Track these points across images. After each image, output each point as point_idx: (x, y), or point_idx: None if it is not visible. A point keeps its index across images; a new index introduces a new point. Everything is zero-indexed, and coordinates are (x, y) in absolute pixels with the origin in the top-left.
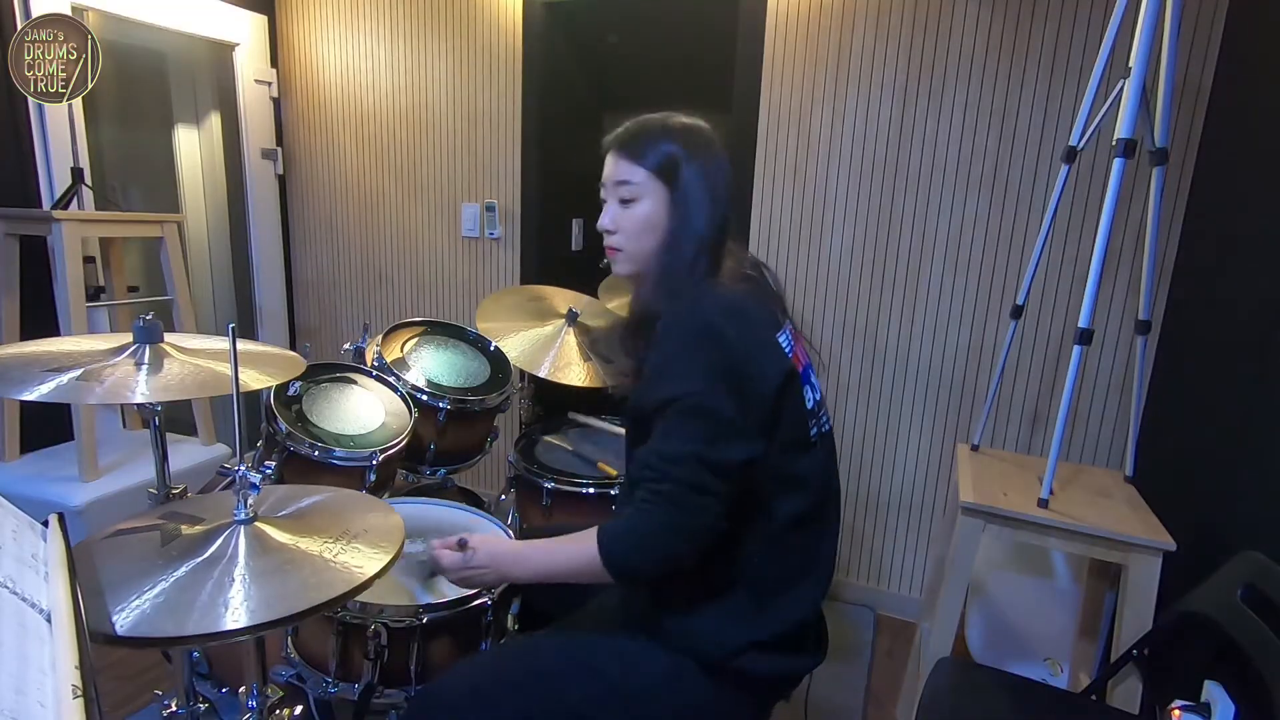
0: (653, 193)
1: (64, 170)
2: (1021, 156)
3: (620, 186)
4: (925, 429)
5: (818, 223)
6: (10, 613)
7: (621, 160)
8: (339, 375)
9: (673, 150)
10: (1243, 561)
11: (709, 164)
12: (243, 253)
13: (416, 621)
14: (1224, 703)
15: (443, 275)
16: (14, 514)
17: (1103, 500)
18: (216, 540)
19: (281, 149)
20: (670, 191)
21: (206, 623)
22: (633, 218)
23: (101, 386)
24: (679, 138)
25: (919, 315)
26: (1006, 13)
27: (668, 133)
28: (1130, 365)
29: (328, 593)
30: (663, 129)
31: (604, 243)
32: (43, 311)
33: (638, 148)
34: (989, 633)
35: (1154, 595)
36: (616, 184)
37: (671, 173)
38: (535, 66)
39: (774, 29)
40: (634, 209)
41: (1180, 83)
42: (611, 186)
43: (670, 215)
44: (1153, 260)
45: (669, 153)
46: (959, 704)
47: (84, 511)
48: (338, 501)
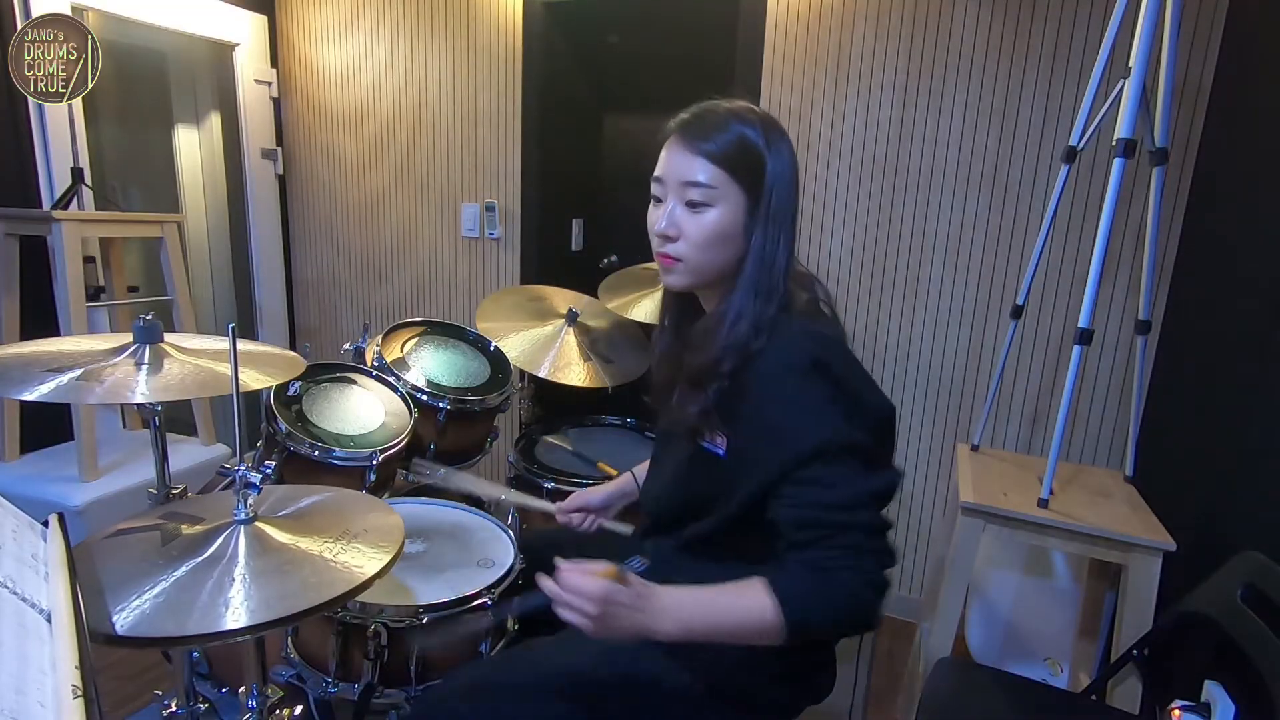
0: (730, 198)
1: (64, 170)
2: (1021, 156)
3: (689, 188)
4: (925, 429)
5: (818, 223)
6: (10, 613)
7: (690, 154)
8: (339, 375)
9: (754, 143)
10: (1243, 561)
11: (792, 163)
12: (243, 253)
13: (416, 621)
14: (1224, 703)
15: (443, 275)
16: (14, 514)
17: (1103, 500)
18: (216, 540)
19: (281, 149)
20: (751, 199)
21: (207, 623)
22: (702, 226)
23: (101, 386)
24: (758, 125)
25: (919, 315)
26: (1006, 13)
27: (744, 120)
28: (1130, 365)
29: (328, 593)
30: (737, 116)
31: (657, 248)
32: (43, 311)
33: (713, 140)
34: (989, 633)
35: (1154, 595)
36: (684, 184)
37: (755, 174)
38: (535, 66)
39: (774, 29)
40: (705, 215)
41: (1180, 83)
42: (675, 186)
43: (749, 227)
44: (1153, 260)
45: (750, 147)
46: (959, 704)
47: (84, 511)
48: (338, 501)
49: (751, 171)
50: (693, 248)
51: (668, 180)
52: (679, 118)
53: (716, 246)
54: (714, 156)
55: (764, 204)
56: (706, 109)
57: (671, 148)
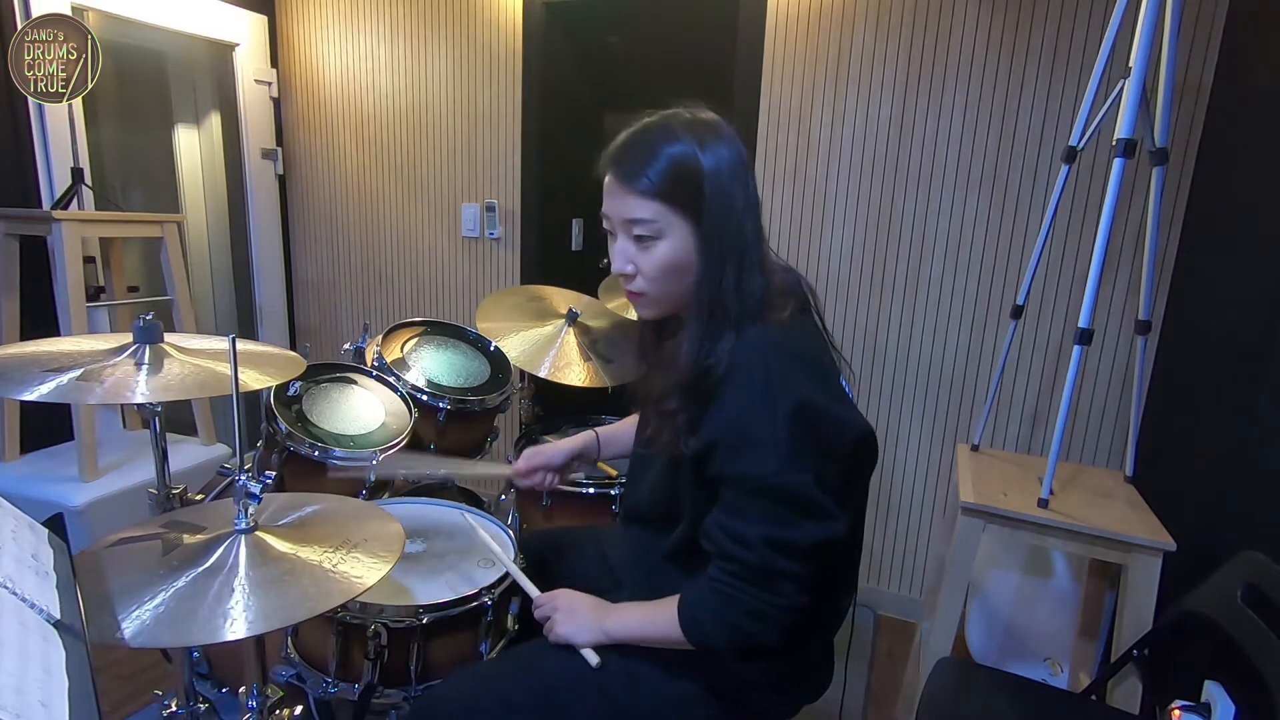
0: (674, 226)
1: (64, 170)
2: (1021, 156)
3: (633, 225)
4: (925, 429)
5: (818, 223)
6: (10, 612)
7: (626, 193)
8: (339, 375)
9: (686, 161)
10: (1243, 561)
11: (733, 163)
12: (243, 253)
13: (416, 621)
14: (1224, 703)
15: (443, 275)
16: (14, 514)
17: (1103, 500)
18: (217, 550)
19: (281, 149)
20: (695, 220)
21: (206, 634)
22: (654, 260)
23: (101, 386)
24: (688, 136)
25: (919, 315)
26: (1006, 13)
27: (673, 137)
28: (1130, 365)
29: (327, 603)
30: (666, 135)
31: (623, 285)
32: (43, 311)
33: (645, 175)
34: (989, 633)
35: (1154, 595)
36: (627, 222)
37: (693, 195)
38: (535, 66)
39: (774, 29)
40: (655, 250)
41: (1180, 83)
42: (620, 224)
43: (701, 249)
44: (1153, 260)
45: (683, 169)
46: (959, 704)
47: (84, 511)
48: (338, 510)
49: (689, 193)
50: (650, 282)
51: (613, 219)
52: (609, 151)
53: (672, 276)
54: (649, 192)
55: (709, 225)
56: (634, 137)
57: (609, 186)
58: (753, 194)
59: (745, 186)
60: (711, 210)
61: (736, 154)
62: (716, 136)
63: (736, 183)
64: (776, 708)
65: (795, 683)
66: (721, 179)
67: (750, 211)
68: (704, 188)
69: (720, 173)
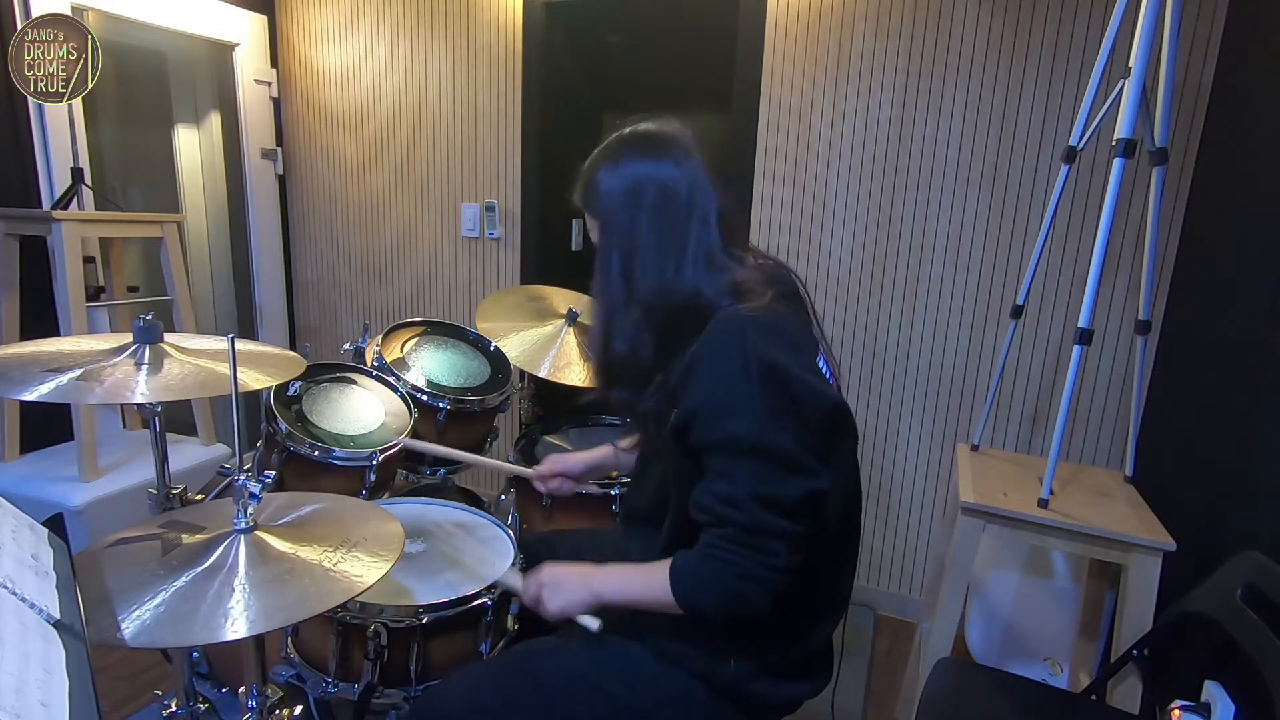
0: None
1: (64, 170)
2: (1021, 156)
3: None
4: (925, 429)
5: (818, 223)
6: (10, 612)
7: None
8: (339, 375)
9: (597, 176)
10: (1243, 561)
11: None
12: (243, 253)
13: (416, 621)
14: (1224, 703)
15: (443, 275)
16: (14, 514)
17: (1103, 500)
18: (217, 549)
19: (281, 149)
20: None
21: (206, 634)
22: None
23: (101, 386)
24: (611, 152)
25: (919, 315)
26: (1006, 13)
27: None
28: (1130, 365)
29: (327, 602)
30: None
31: None
32: (43, 311)
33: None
34: (989, 633)
35: (1154, 595)
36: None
37: (598, 206)
38: (535, 66)
39: (774, 29)
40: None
41: (1180, 83)
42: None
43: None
44: (1153, 260)
45: (595, 184)
46: (959, 704)
47: (84, 511)
48: (338, 509)
49: (596, 203)
50: None
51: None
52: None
53: None
54: (585, 208)
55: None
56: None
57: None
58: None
59: (663, 192)
60: (606, 215)
61: (642, 171)
62: (631, 152)
63: (649, 188)
64: (776, 702)
65: (796, 675)
66: (612, 184)
67: (662, 214)
68: (601, 194)
69: (614, 180)
